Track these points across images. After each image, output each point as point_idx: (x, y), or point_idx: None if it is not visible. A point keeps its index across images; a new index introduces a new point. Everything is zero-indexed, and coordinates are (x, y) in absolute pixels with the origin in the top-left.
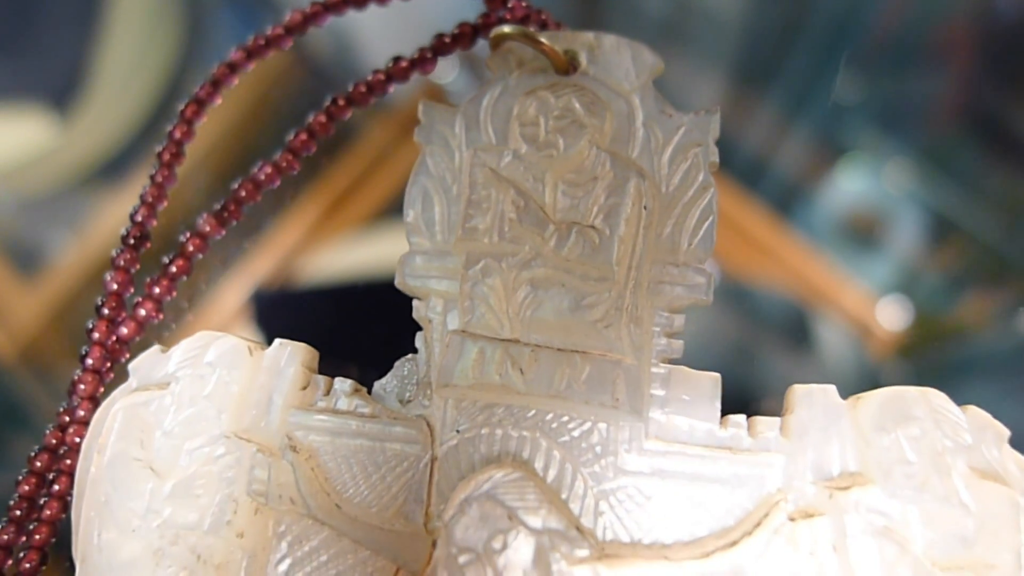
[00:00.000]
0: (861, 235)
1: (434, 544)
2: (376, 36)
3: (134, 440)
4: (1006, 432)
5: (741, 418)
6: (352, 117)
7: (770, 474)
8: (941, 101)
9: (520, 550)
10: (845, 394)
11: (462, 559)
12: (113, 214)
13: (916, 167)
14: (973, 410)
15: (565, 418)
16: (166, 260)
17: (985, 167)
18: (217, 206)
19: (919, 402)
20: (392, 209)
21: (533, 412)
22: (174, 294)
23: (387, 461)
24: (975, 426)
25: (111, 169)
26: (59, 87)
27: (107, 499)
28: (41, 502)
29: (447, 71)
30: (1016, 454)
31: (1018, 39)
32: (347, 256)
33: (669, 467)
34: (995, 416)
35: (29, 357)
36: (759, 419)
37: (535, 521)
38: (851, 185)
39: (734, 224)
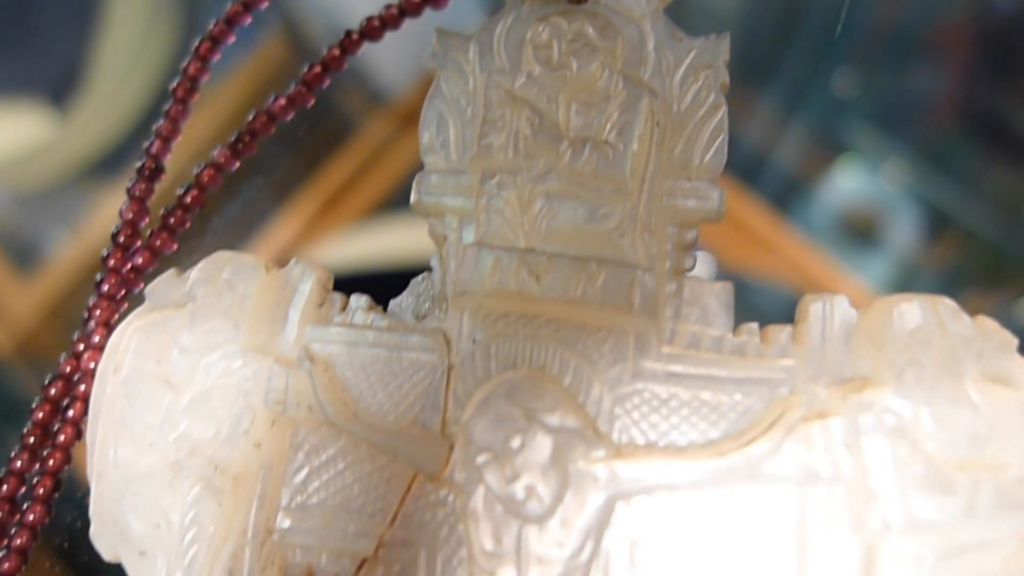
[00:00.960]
0: (859, 231)
1: (451, 448)
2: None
3: (151, 357)
4: (1014, 340)
5: (754, 326)
6: (351, 112)
7: (783, 379)
8: (939, 98)
9: (537, 449)
10: None
11: (480, 460)
12: (111, 210)
13: (914, 164)
14: (983, 319)
15: (580, 325)
16: (180, 191)
17: (983, 164)
18: (231, 138)
19: (929, 308)
20: (390, 203)
21: (549, 320)
22: (188, 225)
23: (404, 370)
24: (984, 334)
25: (108, 165)
26: (57, 83)
27: (123, 416)
28: (55, 428)
29: None
30: None
31: (1015, 35)
32: (345, 250)
33: (683, 372)
34: None
35: (26, 351)
36: (772, 327)
37: (552, 421)
38: (849, 182)
39: (733, 219)
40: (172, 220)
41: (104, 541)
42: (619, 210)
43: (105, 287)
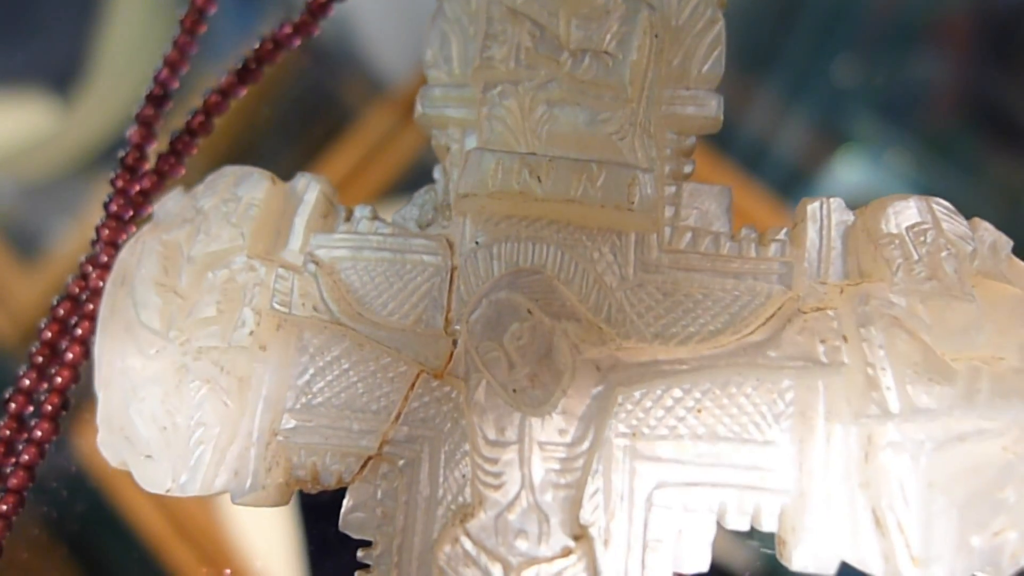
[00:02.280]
0: None
1: (454, 344)
2: (376, 22)
3: (158, 268)
4: (1009, 242)
5: (752, 227)
6: (352, 103)
7: (781, 275)
8: (940, 87)
9: (539, 339)
10: None
11: (483, 353)
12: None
13: (916, 154)
14: (978, 220)
15: (581, 225)
16: (188, 116)
17: (984, 153)
18: (238, 64)
19: (925, 207)
20: (392, 194)
21: (550, 221)
22: (194, 151)
23: (408, 272)
24: (979, 234)
25: (112, 155)
26: (60, 73)
27: (129, 324)
28: (63, 347)
29: None
30: (1020, 263)
31: (1017, 24)
32: None
33: (683, 269)
34: None
35: (30, 340)
36: (770, 228)
37: (554, 314)
38: (851, 172)
39: (734, 208)
40: (179, 145)
41: (110, 448)
42: (619, 115)
43: (113, 207)
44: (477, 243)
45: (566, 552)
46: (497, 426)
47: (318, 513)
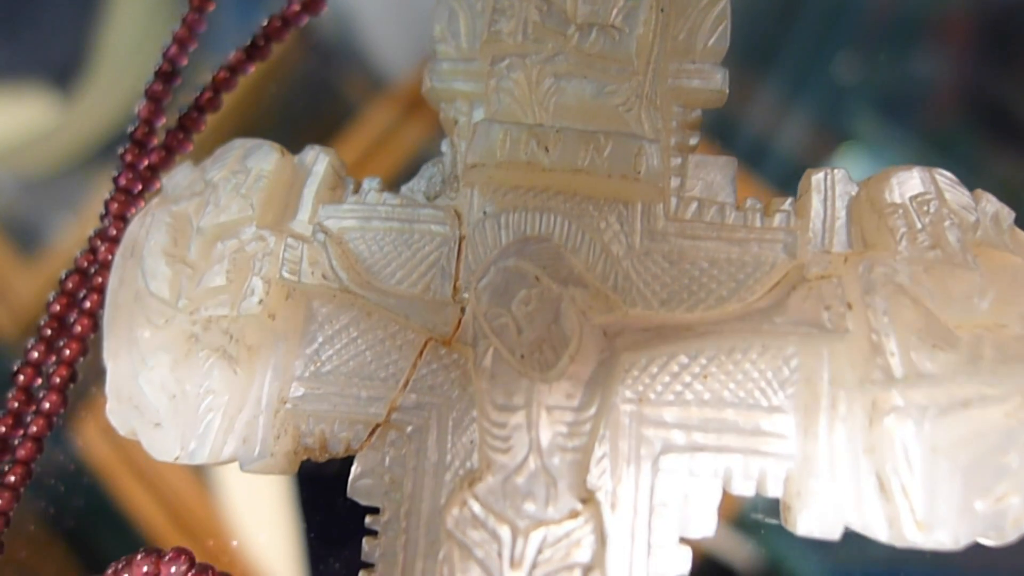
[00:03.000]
0: None
1: (463, 311)
2: (377, 17)
3: (168, 239)
4: (1011, 213)
5: (757, 198)
6: (353, 98)
7: (787, 244)
8: (942, 85)
9: (547, 305)
10: None
11: (491, 319)
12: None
13: (917, 151)
14: (980, 192)
15: (588, 195)
16: (197, 93)
17: (986, 151)
18: (247, 42)
19: (928, 177)
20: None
21: (557, 191)
22: (203, 128)
23: (416, 241)
24: (982, 204)
25: (112, 149)
26: (61, 67)
27: (139, 294)
28: (71, 320)
29: None
30: (1022, 233)
31: (1018, 23)
32: None
33: (689, 239)
34: None
35: (29, 334)
36: (775, 199)
37: (561, 280)
38: (852, 170)
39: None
40: (187, 121)
41: (119, 417)
42: (625, 88)
43: (122, 181)
44: (485, 213)
45: (573, 514)
46: (505, 391)
47: (320, 510)
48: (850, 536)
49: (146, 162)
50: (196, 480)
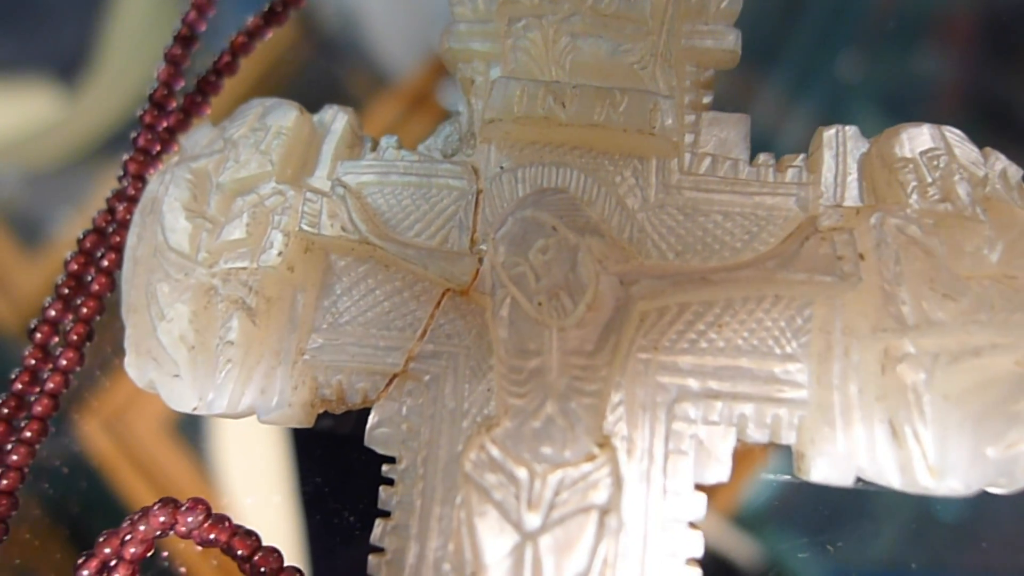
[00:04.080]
0: None
1: (480, 261)
2: (382, 14)
3: (188, 194)
4: (1020, 170)
5: (770, 155)
6: (358, 94)
7: (799, 198)
8: (944, 83)
9: (564, 255)
10: None
11: (509, 268)
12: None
13: None
14: (989, 150)
15: (604, 150)
16: (216, 56)
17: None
18: (265, 7)
19: (938, 134)
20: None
21: (573, 147)
22: (220, 91)
23: (434, 195)
24: (991, 161)
25: (116, 144)
26: (66, 61)
27: (158, 249)
28: (88, 279)
29: None
30: None
31: (1021, 21)
32: None
33: (703, 193)
34: None
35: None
36: (787, 156)
37: (578, 230)
38: None
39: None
40: (205, 84)
41: (137, 370)
42: (640, 47)
43: (140, 142)
44: (502, 168)
45: (590, 457)
46: (522, 338)
47: (332, 467)
48: (850, 537)
49: (164, 124)
50: (197, 475)
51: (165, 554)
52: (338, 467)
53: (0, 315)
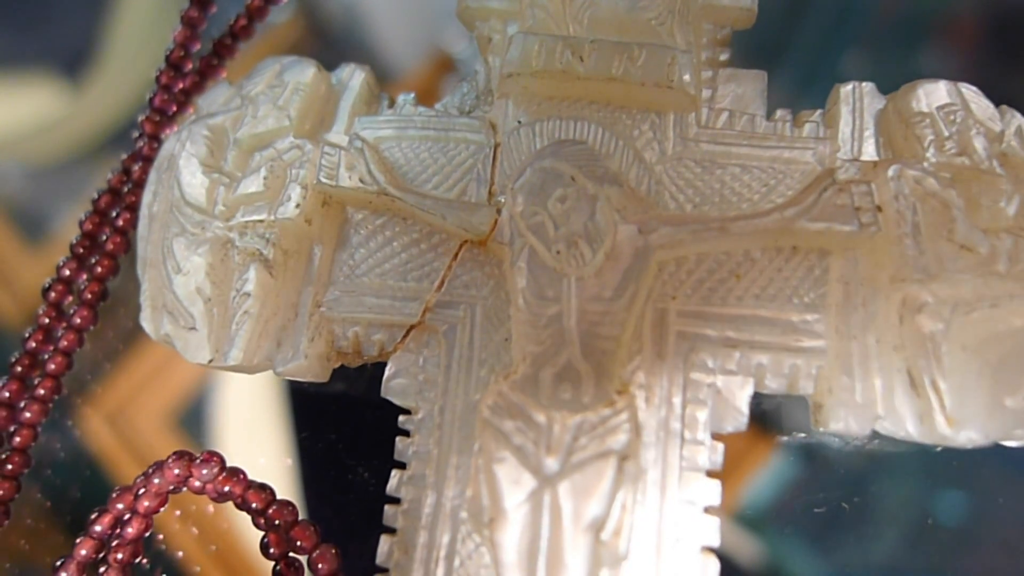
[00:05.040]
0: None
1: (498, 212)
2: (385, 12)
3: (205, 150)
4: None
5: (787, 111)
6: None
7: (816, 153)
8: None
9: (582, 204)
10: None
11: (527, 217)
12: None
13: None
14: (1005, 107)
15: (622, 105)
16: (231, 20)
17: None
18: None
19: (954, 90)
20: None
21: (591, 102)
22: (236, 54)
23: (452, 149)
24: (1007, 118)
25: (120, 139)
26: (70, 57)
27: (175, 204)
28: (103, 238)
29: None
30: None
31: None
32: None
33: (721, 147)
34: None
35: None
36: (804, 112)
37: (597, 180)
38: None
39: None
40: (221, 47)
41: (152, 324)
42: (658, 2)
43: (156, 102)
44: (520, 122)
45: (609, 403)
46: (540, 286)
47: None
48: (850, 537)
49: (180, 85)
50: None
51: (161, 537)
52: (348, 428)
53: (2, 309)
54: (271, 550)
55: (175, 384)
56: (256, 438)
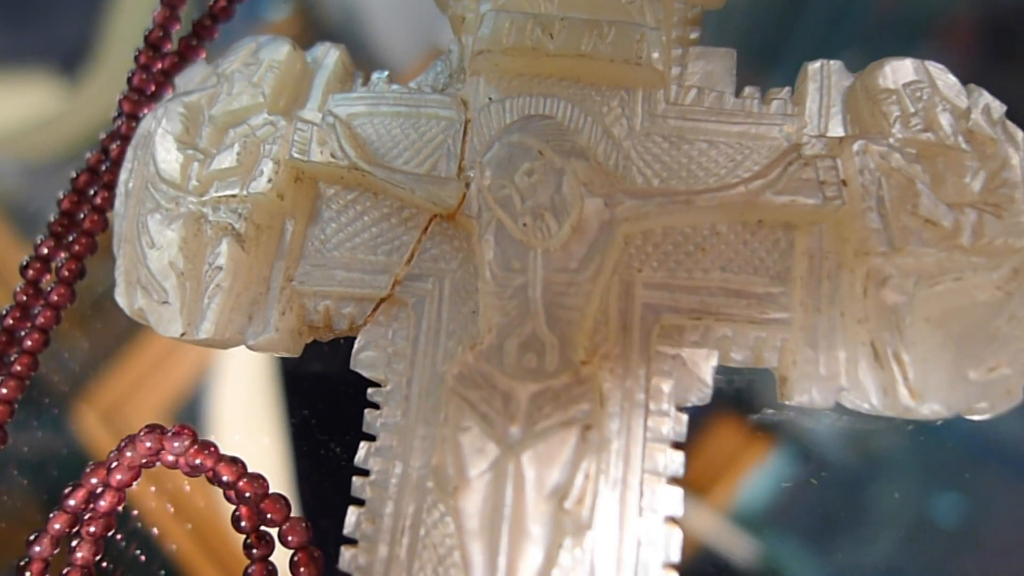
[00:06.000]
0: None
1: (467, 187)
2: (383, 9)
3: (180, 127)
4: (1003, 106)
5: (755, 88)
6: None
7: (783, 129)
8: None
9: (549, 177)
10: None
11: (495, 190)
12: None
13: None
14: (973, 85)
15: (591, 82)
16: (211, 1)
17: None
18: None
19: (920, 66)
20: None
21: (561, 79)
22: (216, 35)
23: (423, 125)
24: (974, 96)
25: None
26: (67, 54)
27: (150, 180)
28: (81, 216)
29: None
30: (1012, 125)
31: (1022, 22)
32: None
33: (689, 123)
34: None
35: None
36: (772, 89)
37: (564, 153)
38: None
39: None
40: (201, 28)
41: (126, 298)
42: None
43: (135, 81)
44: (490, 99)
45: (573, 373)
46: (506, 258)
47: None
48: (850, 538)
49: (159, 65)
50: None
51: (135, 512)
52: (326, 400)
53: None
54: (242, 523)
55: (170, 381)
56: (252, 435)
